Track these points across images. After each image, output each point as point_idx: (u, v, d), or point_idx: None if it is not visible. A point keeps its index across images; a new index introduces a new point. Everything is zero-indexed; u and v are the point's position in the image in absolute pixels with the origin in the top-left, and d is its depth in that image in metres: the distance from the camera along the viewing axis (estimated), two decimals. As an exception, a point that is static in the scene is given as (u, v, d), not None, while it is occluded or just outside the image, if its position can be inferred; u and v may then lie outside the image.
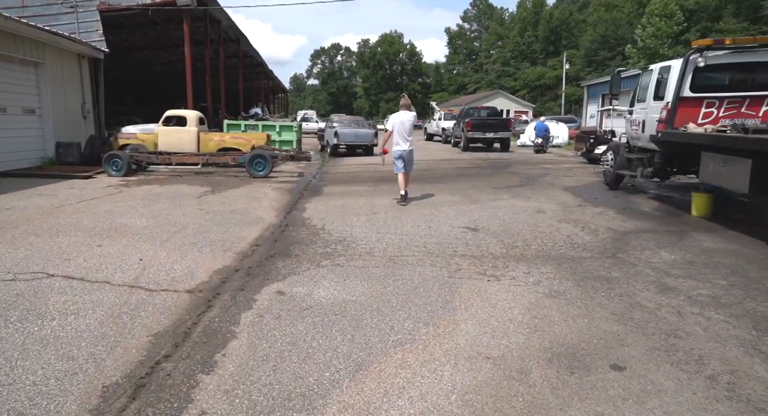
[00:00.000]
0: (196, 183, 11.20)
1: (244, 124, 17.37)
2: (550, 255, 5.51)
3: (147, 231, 6.47)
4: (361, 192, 10.17)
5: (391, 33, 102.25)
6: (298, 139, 18.02)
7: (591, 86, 22.82)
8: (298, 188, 10.77)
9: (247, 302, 4.09)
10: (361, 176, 13.00)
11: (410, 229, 6.76)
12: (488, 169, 14.66)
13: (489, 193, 10.03)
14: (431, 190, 10.44)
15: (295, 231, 6.71)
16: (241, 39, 27.55)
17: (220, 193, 9.89)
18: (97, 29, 16.41)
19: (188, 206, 8.32)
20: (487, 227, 6.88)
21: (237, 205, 8.58)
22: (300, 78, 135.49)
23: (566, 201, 9.05)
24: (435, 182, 11.63)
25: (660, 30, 48.47)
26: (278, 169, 14.04)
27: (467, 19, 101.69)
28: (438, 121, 30.42)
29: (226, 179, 11.98)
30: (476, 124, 21.67)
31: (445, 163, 16.59)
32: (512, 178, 12.39)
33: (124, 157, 12.04)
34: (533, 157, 19.62)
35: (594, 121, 21.62)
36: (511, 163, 16.86)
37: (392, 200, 9.07)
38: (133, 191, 9.86)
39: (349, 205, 8.68)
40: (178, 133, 14.20)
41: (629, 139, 10.39)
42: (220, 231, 6.55)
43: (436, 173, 13.69)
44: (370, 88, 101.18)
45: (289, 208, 8.44)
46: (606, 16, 63.52)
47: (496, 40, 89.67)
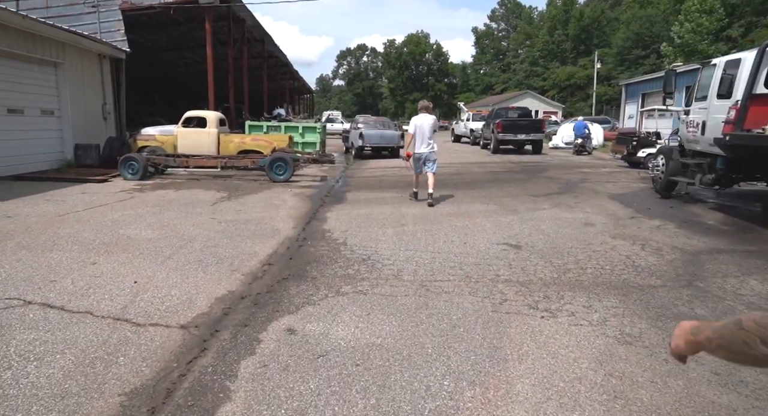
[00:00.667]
0: (212, 187, 10.63)
1: (266, 125, 16.82)
2: (612, 282, 4.65)
3: (150, 244, 5.85)
4: (387, 199, 9.42)
5: (418, 33, 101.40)
6: (322, 140, 17.39)
7: (629, 85, 21.59)
8: (320, 194, 10.08)
9: (249, 343, 3.37)
10: (386, 181, 12.26)
11: (443, 245, 5.97)
12: (522, 174, 13.74)
13: (527, 201, 9.15)
14: (463, 197, 9.62)
15: (314, 246, 6.00)
16: (265, 39, 27.14)
17: (237, 199, 9.27)
18: (119, 29, 16.09)
19: (200, 215, 7.70)
20: (530, 244, 6.04)
21: (253, 213, 7.92)
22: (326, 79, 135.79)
23: (615, 211, 8.12)
24: (466, 188, 10.79)
25: (700, 26, 46.46)
26: (300, 172, 13.40)
27: (495, 19, 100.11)
28: (466, 122, 29.49)
29: (245, 184, 11.38)
30: (507, 125, 20.70)
31: (475, 167, 15.72)
32: (550, 184, 11.46)
33: (141, 159, 11.56)
34: (569, 159, 18.56)
35: (633, 121, 20.42)
36: (546, 166, 15.88)
37: (421, 209, 8.30)
38: (146, 197, 9.32)
39: (374, 214, 7.93)
40: (197, 135, 13.72)
41: (684, 142, 9.38)
42: (230, 246, 5.88)
43: (467, 178, 12.84)
44: (396, 89, 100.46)
45: (308, 217, 7.74)
46: (640, 13, 61.40)
47: (525, 39, 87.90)
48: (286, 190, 10.47)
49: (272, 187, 11.01)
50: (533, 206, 8.61)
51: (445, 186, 11.14)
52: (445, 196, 9.66)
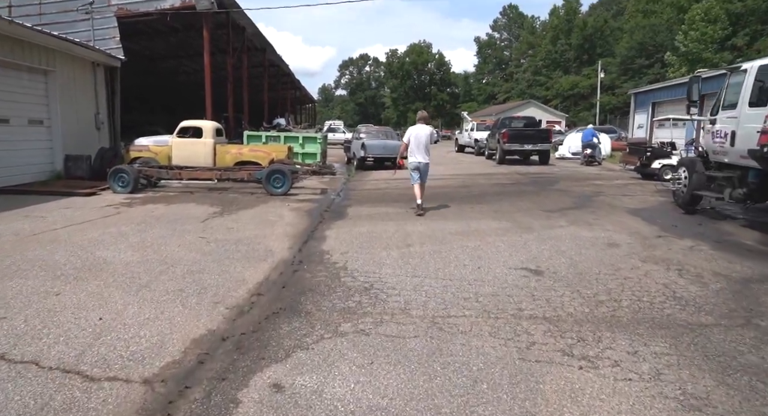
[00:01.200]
0: (206, 202, 10.03)
1: (266, 135, 16.27)
2: (654, 318, 4.01)
3: (128, 269, 5.23)
4: (390, 215, 8.79)
5: (420, 43, 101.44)
6: (323, 151, 16.82)
7: (638, 94, 21.02)
8: (319, 209, 9.47)
9: (225, 406, 2.74)
10: (390, 194, 11.64)
11: (455, 271, 5.34)
12: (532, 186, 13.11)
13: (541, 217, 8.51)
14: (471, 212, 8.99)
15: (310, 271, 5.37)
16: (267, 48, 26.76)
17: (230, 214, 8.66)
18: (114, 36, 15.61)
19: (189, 233, 7.08)
20: (552, 268, 5.40)
21: (246, 231, 7.31)
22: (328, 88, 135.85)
23: (639, 229, 7.48)
24: (474, 203, 10.17)
25: (705, 35, 46.13)
26: (299, 184, 12.81)
27: (497, 28, 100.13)
28: (470, 131, 28.95)
29: (241, 197, 10.78)
30: (513, 134, 20.11)
31: (481, 178, 15.11)
32: (563, 198, 10.83)
33: (131, 172, 10.97)
34: (578, 170, 17.94)
35: (642, 131, 19.84)
36: (555, 178, 15.26)
37: (427, 226, 7.68)
38: (133, 212, 8.72)
39: (377, 232, 7.31)
40: (193, 146, 13.16)
41: (709, 154, 8.76)
42: (217, 271, 5.25)
43: (474, 191, 12.22)
44: (398, 98, 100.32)
45: (305, 236, 7.12)
46: (643, 22, 61.13)
47: (527, 48, 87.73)
48: (284, 204, 9.86)
49: (269, 200, 10.41)
50: (549, 223, 7.97)
51: (451, 200, 10.53)
52: (452, 212, 9.03)
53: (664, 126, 18.58)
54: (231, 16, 18.79)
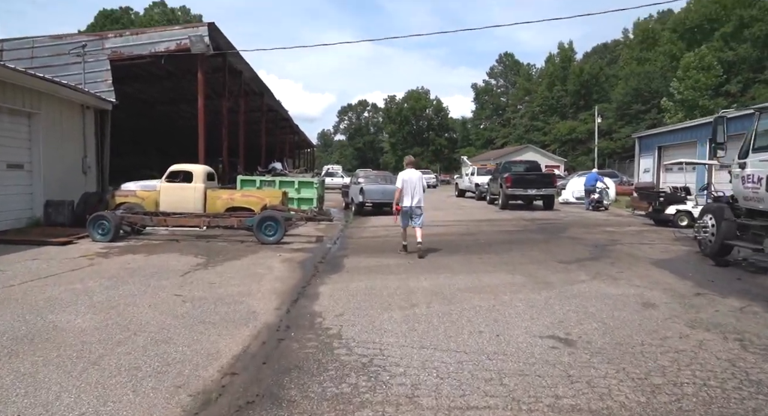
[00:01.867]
0: (191, 251, 9.22)
1: (260, 179, 15.65)
2: (737, 415, 3.14)
3: (80, 339, 4.37)
4: (391, 267, 7.98)
5: (418, 89, 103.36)
6: (320, 196, 16.16)
7: (643, 138, 20.65)
8: (313, 260, 8.65)
9: None
10: (390, 243, 10.86)
11: (469, 340, 4.49)
12: (540, 234, 12.36)
13: (558, 269, 7.70)
14: (480, 264, 8.18)
15: (299, 339, 4.52)
16: (265, 92, 26.67)
17: (215, 266, 7.84)
18: (106, 79, 15.24)
19: (164, 289, 6.25)
20: (585, 337, 4.56)
21: (229, 287, 6.47)
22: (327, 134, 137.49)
23: (672, 285, 6.66)
24: (482, 252, 9.37)
25: (699, 82, 46.77)
26: (294, 232, 12.05)
27: (493, 75, 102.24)
28: (471, 176, 28.49)
29: (229, 246, 9.99)
30: (517, 179, 19.55)
31: (486, 225, 14.37)
32: (577, 247, 10.05)
33: (112, 218, 10.21)
34: (585, 216, 17.24)
35: (649, 175, 19.34)
36: (563, 224, 14.53)
37: (432, 282, 6.86)
38: (108, 264, 7.89)
39: (376, 288, 6.47)
40: (182, 191, 12.49)
41: (738, 199, 8.06)
42: (186, 341, 4.41)
43: (480, 239, 11.45)
44: (397, 143, 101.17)
45: (296, 292, 6.29)
46: (638, 69, 62.23)
47: (524, 94, 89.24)
48: (275, 255, 9.05)
49: (260, 250, 9.61)
50: (568, 277, 7.16)
51: (457, 249, 9.74)
52: (459, 263, 8.22)
53: (672, 170, 18.09)
54: (228, 60, 18.58)
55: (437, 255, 9.07)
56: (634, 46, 65.78)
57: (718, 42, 52.87)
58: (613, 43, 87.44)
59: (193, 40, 14.80)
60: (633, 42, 67.77)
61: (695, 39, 57.92)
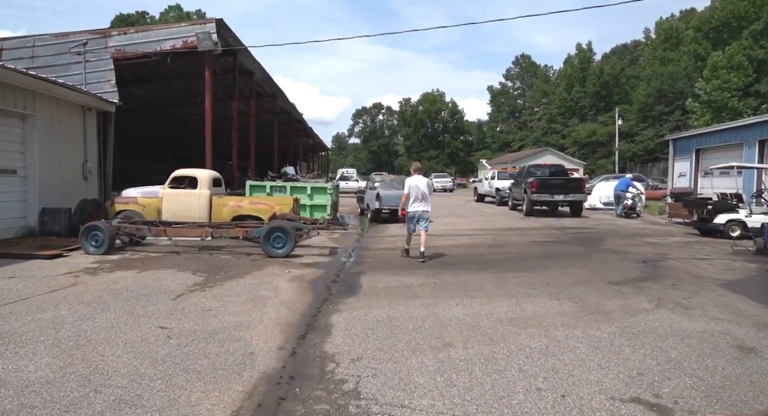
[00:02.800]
0: (190, 266, 8.27)
1: (270, 185, 14.71)
2: None
3: (18, 400, 3.39)
4: (415, 288, 6.92)
5: (433, 92, 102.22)
6: (334, 202, 15.16)
7: (678, 140, 19.31)
8: (326, 278, 7.64)
9: None
10: (412, 256, 9.82)
11: (526, 402, 3.42)
12: (576, 245, 11.20)
13: (611, 293, 6.58)
14: (518, 285, 7.08)
15: (304, 400, 3.49)
16: (277, 94, 25.83)
17: (213, 287, 6.86)
18: (109, 79, 14.44)
19: (149, 318, 5.27)
20: (682, 401, 3.45)
21: (226, 315, 5.48)
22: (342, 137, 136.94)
23: (763, 317, 5.49)
24: (517, 269, 8.27)
25: (728, 82, 44.93)
26: (305, 242, 11.06)
27: (510, 77, 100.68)
28: (491, 180, 27.31)
29: (234, 260, 9.02)
30: (543, 184, 18.35)
31: (514, 234, 13.23)
32: (623, 263, 8.89)
33: (106, 229, 9.31)
34: (618, 224, 16.00)
35: (685, 180, 18.04)
36: (598, 234, 13.33)
37: (465, 309, 5.79)
38: (93, 284, 6.96)
39: (399, 319, 5.42)
40: (186, 198, 11.59)
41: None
42: (159, 402, 3.40)
43: (511, 251, 10.33)
44: (412, 146, 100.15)
45: (305, 323, 5.27)
46: (661, 69, 60.36)
47: (541, 96, 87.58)
48: (284, 271, 8.06)
49: (267, 264, 8.63)
50: (627, 305, 6.02)
51: (487, 264, 8.66)
52: (493, 283, 7.13)
53: (713, 174, 16.78)
54: (238, 60, 17.73)
55: (466, 271, 8.00)
56: (657, 46, 63.88)
57: (747, 40, 50.92)
58: (632, 44, 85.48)
59: (200, 37, 13.94)
60: (655, 42, 65.84)
61: (721, 38, 56.02)
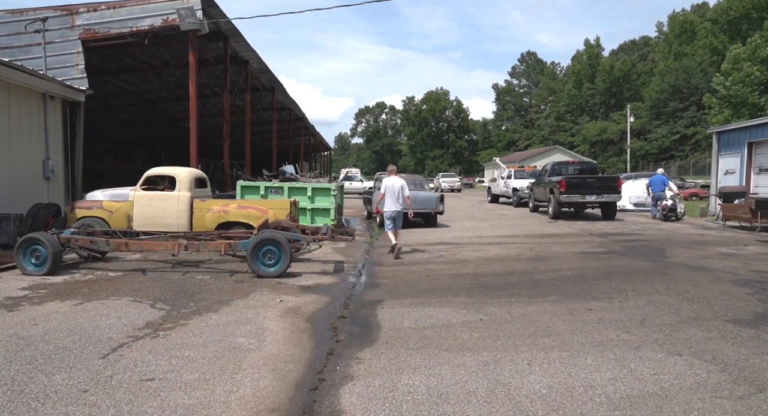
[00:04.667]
0: (151, 294, 6.25)
1: (265, 186, 12.67)
2: None
3: None
4: (457, 330, 4.86)
5: (437, 90, 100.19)
6: (338, 205, 13.12)
7: (724, 133, 17.24)
8: (331, 311, 5.60)
9: None
10: (439, 273, 7.76)
11: None
12: (636, 257, 9.14)
13: (749, 342, 4.52)
14: (600, 323, 5.00)
15: None
16: (276, 87, 23.82)
17: (171, 330, 4.83)
18: (77, 64, 12.44)
19: (47, 401, 3.25)
20: None
21: (175, 391, 3.45)
22: (344, 137, 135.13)
23: None
24: (584, 296, 6.20)
25: (750, 76, 42.70)
26: (304, 255, 9.04)
27: (515, 75, 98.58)
28: (506, 179, 25.25)
29: (212, 282, 7.00)
30: (573, 183, 16.29)
31: (552, 242, 11.16)
32: (719, 285, 6.82)
33: (49, 243, 7.27)
34: (662, 228, 13.91)
35: (733, 178, 16.03)
36: (652, 242, 11.25)
37: (548, 377, 3.75)
38: (4, 324, 4.94)
39: (449, 397, 3.38)
40: (161, 201, 9.62)
41: None
42: None
43: (560, 266, 8.25)
44: (416, 146, 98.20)
45: (299, 412, 3.23)
46: (675, 65, 58.13)
47: (548, 94, 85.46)
48: (274, 300, 6.04)
49: (254, 287, 6.62)
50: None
51: (540, 287, 6.60)
52: (565, 321, 5.06)
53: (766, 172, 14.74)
54: (230, 46, 15.73)
55: (517, 299, 5.95)
56: (671, 40, 61.57)
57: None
58: (641, 40, 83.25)
59: (182, 14, 11.93)
60: (669, 36, 63.55)
61: (739, 30, 53.77)
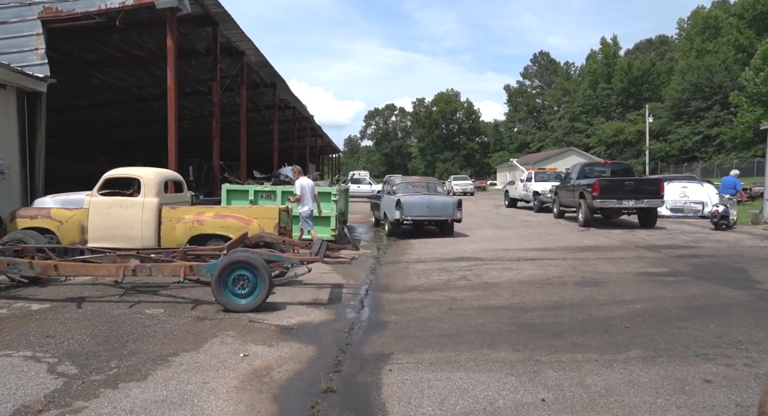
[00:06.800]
0: (63, 344, 4.45)
1: (255, 190, 10.86)
2: None
3: None
4: (503, 413, 2.99)
5: (448, 91, 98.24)
6: (340, 212, 11.26)
7: (779, 129, 15.21)
8: (313, 378, 3.73)
9: None
10: (465, 305, 5.88)
11: None
12: (717, 281, 7.19)
13: None
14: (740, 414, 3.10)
15: None
16: (278, 83, 22.08)
17: (51, 426, 3.00)
18: (36, 48, 10.73)
19: None
20: None
21: None
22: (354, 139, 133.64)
23: None
24: (683, 350, 4.29)
25: (784, 71, 40.24)
26: (292, 276, 7.19)
27: (528, 76, 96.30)
28: (526, 182, 23.29)
29: (162, 320, 5.18)
30: (608, 187, 14.31)
31: (595, 258, 9.21)
32: None
33: (-51, 267, 5.51)
34: (722, 239, 11.87)
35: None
36: (719, 257, 9.27)
37: None
38: None
39: None
40: (123, 209, 7.88)
41: None
42: None
43: (623, 296, 6.32)
44: (426, 148, 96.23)
45: None
46: (696, 63, 55.75)
47: (562, 95, 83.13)
48: (237, 352, 4.20)
49: (214, 330, 4.79)
50: None
51: (611, 333, 4.66)
52: (674, 402, 3.17)
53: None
54: (222, 33, 13.99)
55: (583, 355, 4.05)
56: (694, 37, 59.15)
57: (800, 26, 46.21)
58: (657, 40, 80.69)
59: (158, -10, 10.19)
60: (691, 33, 61.14)
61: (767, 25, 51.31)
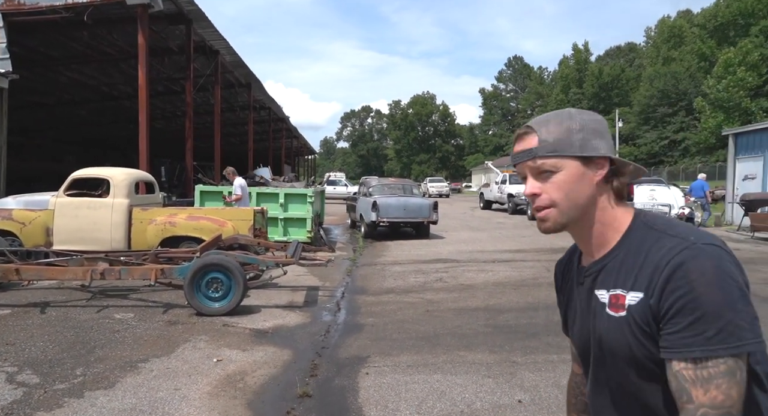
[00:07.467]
0: (25, 351, 4.24)
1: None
2: None
3: None
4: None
5: (423, 94, 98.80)
6: (316, 214, 11.14)
7: (742, 135, 15.73)
8: (288, 382, 3.64)
9: None
10: (441, 308, 5.85)
11: None
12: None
13: None
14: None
15: None
16: (253, 83, 21.80)
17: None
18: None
19: None
20: None
21: None
22: (330, 141, 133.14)
23: None
24: None
25: (743, 80, 41.93)
26: (267, 278, 7.06)
27: (502, 80, 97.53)
28: (500, 184, 23.51)
29: (130, 326, 4.99)
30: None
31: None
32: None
33: None
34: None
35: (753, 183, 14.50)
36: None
37: None
38: None
39: None
40: (90, 210, 7.61)
41: None
42: None
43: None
44: (402, 150, 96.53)
45: None
46: (663, 70, 57.45)
47: (536, 99, 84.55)
48: (210, 356, 4.07)
49: (186, 335, 4.64)
50: None
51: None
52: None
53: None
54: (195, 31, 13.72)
55: (562, 356, 4.04)
56: (660, 45, 60.99)
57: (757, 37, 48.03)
58: (626, 47, 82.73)
59: (128, -15, 9.91)
60: (657, 41, 63.01)
61: (727, 36, 53.23)
